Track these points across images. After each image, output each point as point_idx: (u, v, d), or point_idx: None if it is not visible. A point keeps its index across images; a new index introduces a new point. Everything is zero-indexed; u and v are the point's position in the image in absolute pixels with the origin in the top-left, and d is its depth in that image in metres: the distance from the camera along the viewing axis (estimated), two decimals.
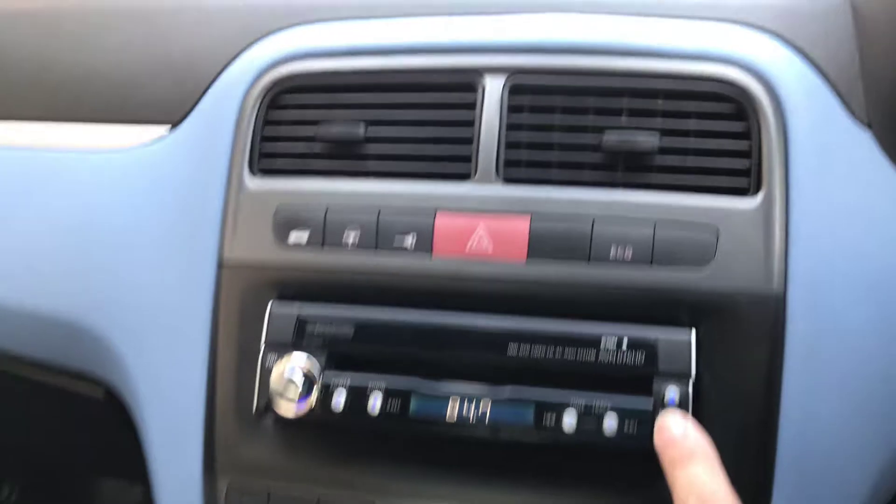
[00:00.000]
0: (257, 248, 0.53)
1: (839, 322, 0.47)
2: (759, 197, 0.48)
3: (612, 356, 0.46)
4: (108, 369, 0.60)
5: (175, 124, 0.60)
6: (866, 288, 0.47)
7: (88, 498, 1.35)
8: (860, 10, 0.52)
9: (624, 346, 0.46)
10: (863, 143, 0.49)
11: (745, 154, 0.49)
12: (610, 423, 0.45)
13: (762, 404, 0.46)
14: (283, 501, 0.50)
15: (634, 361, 0.46)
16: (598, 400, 0.45)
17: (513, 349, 0.48)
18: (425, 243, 0.50)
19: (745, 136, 0.49)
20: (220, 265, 0.53)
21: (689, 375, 0.46)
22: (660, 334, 0.47)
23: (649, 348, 0.46)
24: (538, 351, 0.47)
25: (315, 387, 0.48)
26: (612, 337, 0.47)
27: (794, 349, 0.46)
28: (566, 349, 0.47)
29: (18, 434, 0.91)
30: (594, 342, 0.47)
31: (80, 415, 0.73)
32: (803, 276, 0.47)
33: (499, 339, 0.48)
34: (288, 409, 0.47)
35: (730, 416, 0.47)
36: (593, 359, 0.46)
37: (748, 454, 0.47)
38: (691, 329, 0.47)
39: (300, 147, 0.55)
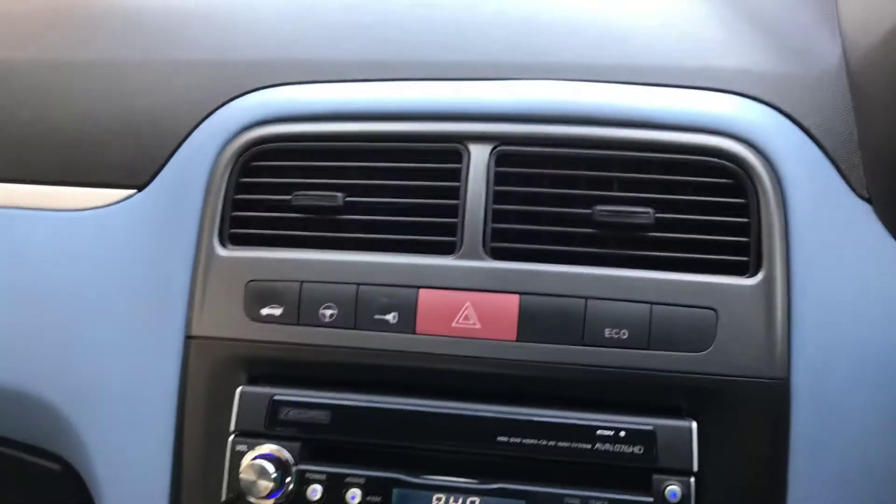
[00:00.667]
0: (227, 322, 0.50)
1: (844, 408, 0.45)
2: (760, 276, 0.46)
3: (609, 447, 0.44)
4: (63, 444, 0.57)
5: (140, 187, 0.57)
6: (871, 369, 0.46)
7: None
8: (856, 78, 0.51)
9: (621, 437, 0.44)
10: (863, 218, 0.48)
11: (743, 229, 0.47)
12: None
13: (768, 500, 0.44)
14: None
15: (632, 453, 0.44)
16: (595, 499, 0.43)
17: (503, 440, 0.45)
18: (408, 321, 0.47)
19: (743, 210, 0.47)
20: (188, 337, 0.50)
21: (691, 470, 0.44)
22: (659, 424, 0.44)
23: (648, 439, 0.44)
24: (530, 442, 0.45)
25: (289, 479, 0.44)
26: (608, 429, 0.44)
27: (799, 439, 0.44)
28: (559, 441, 0.44)
29: None
30: (589, 433, 0.44)
31: (37, 487, 0.68)
32: (808, 359, 0.45)
33: (488, 429, 0.45)
34: (260, 501, 0.44)
35: None
36: (589, 449, 0.44)
37: None
38: (692, 420, 0.45)
39: (274, 215, 0.52)
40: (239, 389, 0.48)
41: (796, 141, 0.49)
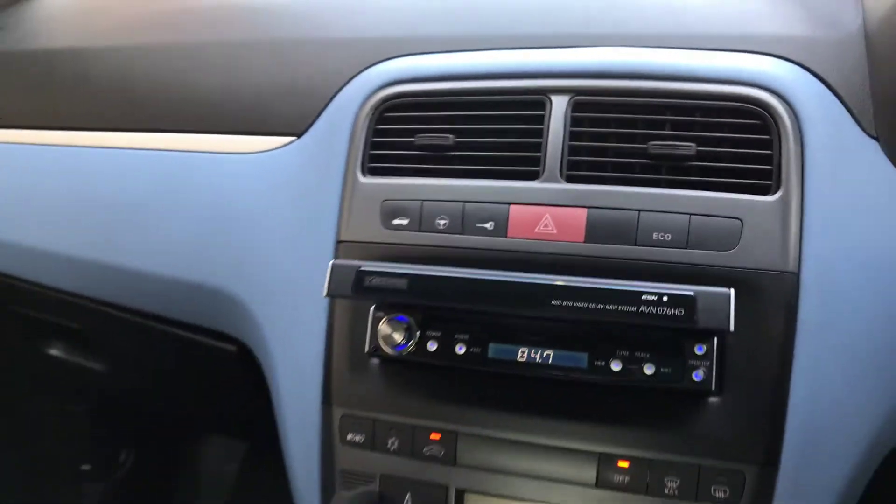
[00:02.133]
0: (367, 230, 0.66)
1: (845, 298, 0.56)
2: (778, 194, 0.58)
3: (653, 309, 0.51)
4: (243, 328, 0.75)
5: (300, 134, 0.75)
6: (870, 270, 0.56)
7: (197, 457, 1.52)
8: (872, 39, 0.62)
9: (664, 300, 0.52)
10: (870, 151, 0.59)
11: (767, 159, 0.59)
12: (649, 367, 0.56)
13: (778, 362, 0.56)
14: (384, 428, 0.62)
15: (674, 314, 0.51)
16: (639, 350, 0.56)
17: (556, 303, 0.54)
18: (501, 228, 0.62)
19: (768, 144, 0.59)
20: (339, 242, 0.67)
21: (728, 328, 0.51)
22: (699, 290, 0.52)
23: (688, 303, 0.51)
24: (581, 304, 0.53)
25: (414, 335, 0.60)
26: (652, 293, 0.52)
27: (806, 319, 0.56)
28: (608, 304, 0.53)
29: (154, 385, 1.08)
30: (635, 296, 0.52)
31: (216, 365, 0.88)
32: (815, 259, 0.57)
33: (543, 293, 0.54)
34: (392, 351, 0.60)
35: (750, 372, 0.56)
36: (634, 311, 0.52)
37: (764, 406, 0.56)
38: (730, 288, 0.52)
39: (402, 153, 0.68)
40: (330, 263, 0.61)
41: (816, 91, 0.60)
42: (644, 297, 0.53)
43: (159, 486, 1.52)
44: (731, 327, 0.51)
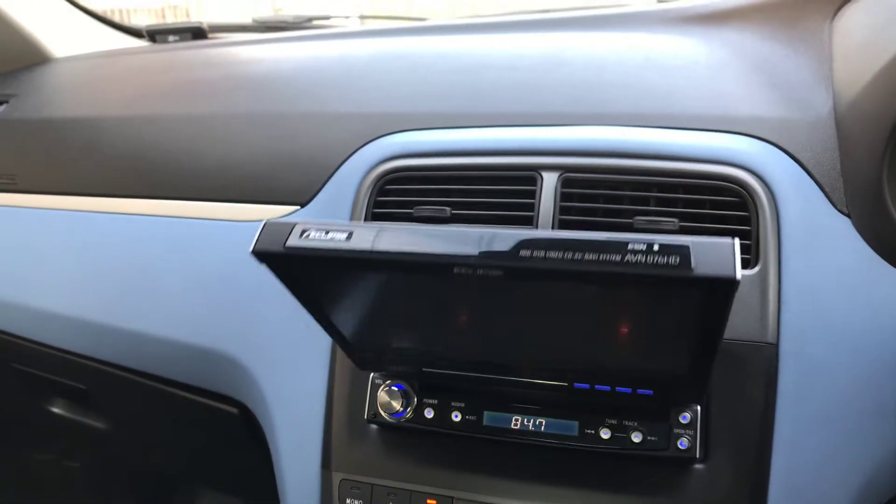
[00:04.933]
0: None
1: (822, 368, 0.59)
2: (757, 268, 0.61)
3: (643, 257, 0.40)
4: (246, 391, 0.77)
5: (303, 204, 0.78)
6: (843, 340, 0.60)
7: None
8: (842, 123, 0.66)
9: (655, 248, 0.40)
10: (842, 228, 0.62)
11: (746, 235, 0.62)
12: (636, 435, 0.58)
13: (759, 430, 0.58)
14: (382, 493, 0.64)
15: (667, 262, 0.39)
16: (627, 419, 0.59)
17: (525, 254, 0.41)
18: None
19: (746, 221, 0.63)
20: None
21: (735, 279, 0.39)
22: (694, 241, 0.40)
23: (682, 251, 0.40)
24: (560, 253, 0.41)
25: (411, 402, 0.63)
26: (641, 242, 0.40)
27: (785, 388, 0.59)
28: (587, 253, 0.41)
29: (155, 444, 1.10)
30: (621, 246, 0.40)
31: (219, 427, 0.90)
32: (793, 330, 0.60)
33: (523, 244, 0.42)
34: (390, 418, 0.63)
35: (733, 437, 0.59)
36: (619, 260, 0.40)
37: (748, 473, 0.58)
38: (734, 238, 0.40)
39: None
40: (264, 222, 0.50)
41: (790, 170, 0.64)
42: (631, 246, 0.40)
43: None
44: (738, 276, 0.39)
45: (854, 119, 0.65)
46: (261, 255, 0.48)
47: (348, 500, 0.65)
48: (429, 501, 0.63)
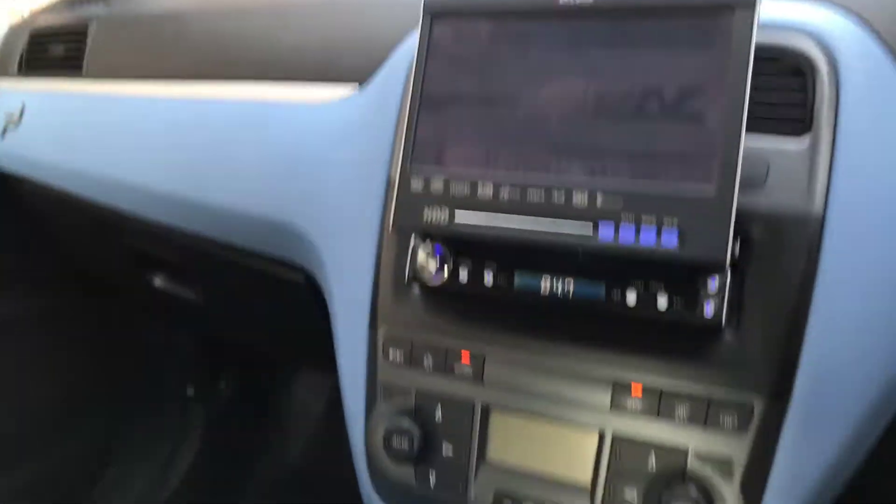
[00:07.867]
0: None
1: (870, 241, 0.56)
2: (808, 136, 0.58)
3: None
4: (307, 258, 0.84)
5: (362, 84, 0.81)
6: (891, 212, 0.56)
7: (289, 389, 1.67)
8: None
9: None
10: None
11: (801, 102, 0.59)
12: (662, 300, 0.58)
13: (796, 298, 0.57)
14: (421, 348, 0.68)
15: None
16: (654, 282, 0.59)
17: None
18: None
19: (801, 87, 0.59)
20: (388, 182, 0.73)
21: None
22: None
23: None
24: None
25: (448, 265, 0.66)
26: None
27: (828, 259, 0.57)
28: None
29: (241, 315, 1.21)
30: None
31: (284, 298, 0.98)
32: (840, 203, 0.57)
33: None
34: (427, 280, 0.66)
35: (765, 309, 0.57)
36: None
37: (779, 341, 0.57)
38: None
39: None
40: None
41: (859, 37, 0.60)
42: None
43: (255, 413, 1.68)
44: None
45: None
46: None
47: (391, 353, 0.70)
48: (463, 352, 0.66)
